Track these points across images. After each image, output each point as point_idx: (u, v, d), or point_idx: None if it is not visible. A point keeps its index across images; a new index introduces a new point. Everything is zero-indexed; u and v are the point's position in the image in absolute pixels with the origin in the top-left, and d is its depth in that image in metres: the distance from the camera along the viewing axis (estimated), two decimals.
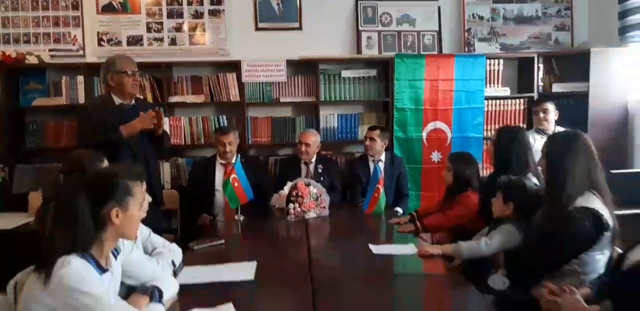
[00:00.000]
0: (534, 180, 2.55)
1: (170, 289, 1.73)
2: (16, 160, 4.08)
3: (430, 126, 4.14)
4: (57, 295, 1.39)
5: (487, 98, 4.19)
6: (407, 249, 2.42)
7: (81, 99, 4.04)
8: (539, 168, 2.43)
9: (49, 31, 4.14)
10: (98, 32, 4.17)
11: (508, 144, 2.68)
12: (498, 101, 4.25)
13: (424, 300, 2.01)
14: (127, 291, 1.70)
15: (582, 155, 2.05)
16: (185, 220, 3.88)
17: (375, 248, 2.43)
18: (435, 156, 4.12)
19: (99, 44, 4.19)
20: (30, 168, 4.10)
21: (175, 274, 2.03)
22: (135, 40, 4.20)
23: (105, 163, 2.37)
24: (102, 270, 1.51)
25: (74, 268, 1.40)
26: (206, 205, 3.69)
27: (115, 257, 1.65)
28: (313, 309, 1.69)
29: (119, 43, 4.19)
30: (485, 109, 4.19)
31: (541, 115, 3.73)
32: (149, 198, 1.80)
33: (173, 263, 2.12)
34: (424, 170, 4.14)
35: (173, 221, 4.05)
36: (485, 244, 2.22)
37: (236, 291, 1.88)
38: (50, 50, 4.14)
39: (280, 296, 1.89)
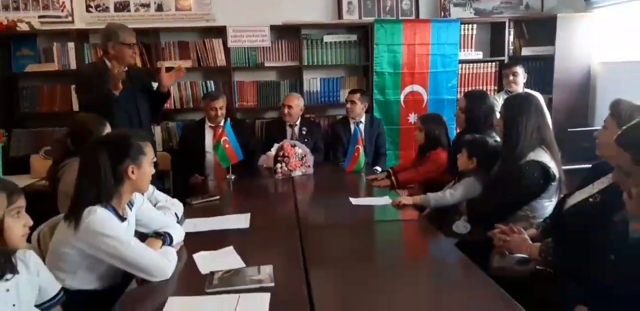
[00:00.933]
0: (498, 138, 2.84)
1: (178, 235, 2.01)
2: (11, 125, 4.24)
3: (408, 89, 4.38)
4: (86, 239, 1.66)
5: (461, 61, 4.43)
6: (383, 200, 2.73)
7: (72, 65, 4.18)
8: None
9: None
10: None
11: (475, 107, 2.95)
12: (471, 64, 4.50)
13: (397, 242, 2.33)
14: (140, 239, 1.96)
15: (533, 115, 2.33)
16: (178, 181, 4.12)
17: (355, 200, 2.74)
18: (412, 117, 4.38)
19: (87, 10, 4.28)
20: (26, 132, 4.28)
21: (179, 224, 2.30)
22: (122, 6, 4.30)
23: (108, 126, 2.59)
24: (121, 218, 1.78)
25: (99, 216, 1.67)
26: (197, 166, 3.92)
27: (131, 209, 1.92)
28: (302, 250, 1.98)
29: (106, 9, 4.29)
30: (459, 72, 4.43)
31: (511, 77, 3.99)
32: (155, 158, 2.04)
33: (176, 214, 2.40)
34: (402, 130, 4.42)
35: (165, 182, 4.28)
36: (449, 194, 2.54)
37: (234, 237, 2.16)
38: (39, 17, 4.22)
39: (272, 240, 2.19)
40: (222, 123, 3.87)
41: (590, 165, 2.09)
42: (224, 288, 1.61)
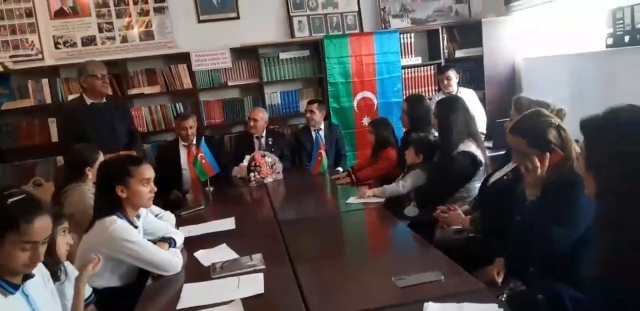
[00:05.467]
0: (437, 133, 3.34)
1: (179, 239, 2.41)
2: None
3: (359, 95, 4.88)
4: (111, 245, 2.06)
5: (404, 67, 4.96)
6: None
7: (48, 99, 4.50)
8: None
9: (7, 39, 4.50)
10: (53, 36, 4.57)
11: (415, 109, 3.45)
12: (412, 69, 5.04)
13: (362, 227, 2.81)
14: None
15: (460, 113, 2.84)
16: (159, 198, 4.45)
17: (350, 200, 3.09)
18: (366, 121, 4.85)
19: (56, 47, 4.60)
20: (9, 166, 4.55)
21: None
22: (89, 41, 4.64)
23: (101, 154, 2.95)
24: (134, 226, 2.18)
25: (119, 225, 2.07)
26: (176, 182, 4.28)
27: (138, 219, 2.31)
28: (283, 241, 2.41)
29: (74, 45, 4.61)
30: (403, 77, 4.96)
31: (445, 82, 4.54)
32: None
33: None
34: (357, 133, 4.91)
35: None
36: (401, 186, 3.03)
37: (224, 237, 2.55)
38: (10, 56, 4.52)
39: (257, 235, 2.61)
40: (194, 142, 4.27)
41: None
42: (226, 273, 2.04)
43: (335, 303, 1.70)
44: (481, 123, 4.50)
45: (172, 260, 2.13)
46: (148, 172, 2.28)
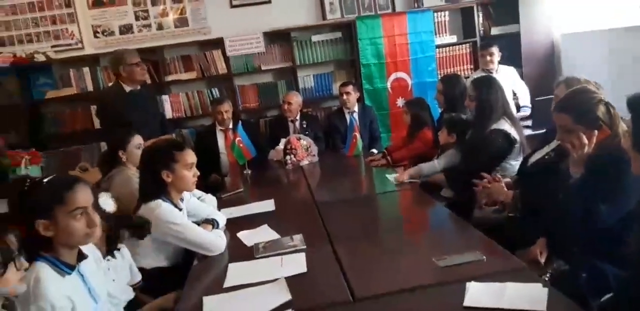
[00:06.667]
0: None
1: (222, 220, 2.50)
2: (39, 149, 4.65)
3: (393, 76, 4.84)
4: (158, 227, 2.14)
5: (438, 46, 4.88)
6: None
7: (90, 87, 4.65)
8: None
9: (48, 29, 4.65)
10: (92, 26, 4.69)
11: (451, 90, 3.42)
12: (447, 48, 4.95)
13: (399, 207, 2.83)
14: None
15: (499, 93, 2.81)
16: (199, 181, 4.57)
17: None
18: (400, 102, 4.82)
19: (95, 36, 4.72)
20: (56, 152, 4.73)
21: None
22: (126, 29, 4.74)
23: (136, 137, 3.01)
24: (178, 209, 2.27)
25: (164, 208, 2.16)
26: (214, 166, 4.37)
27: (182, 202, 2.40)
28: (322, 222, 2.46)
29: (112, 33, 4.72)
30: (437, 56, 4.88)
31: (488, 58, 4.42)
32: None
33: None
34: (392, 114, 4.88)
35: None
36: (437, 163, 3.04)
37: (265, 218, 2.62)
38: (52, 46, 4.66)
39: (296, 217, 2.67)
40: (230, 126, 4.35)
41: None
42: (269, 253, 2.10)
43: (377, 281, 1.74)
44: (525, 98, 4.44)
45: (216, 240, 2.21)
46: (191, 156, 2.35)
